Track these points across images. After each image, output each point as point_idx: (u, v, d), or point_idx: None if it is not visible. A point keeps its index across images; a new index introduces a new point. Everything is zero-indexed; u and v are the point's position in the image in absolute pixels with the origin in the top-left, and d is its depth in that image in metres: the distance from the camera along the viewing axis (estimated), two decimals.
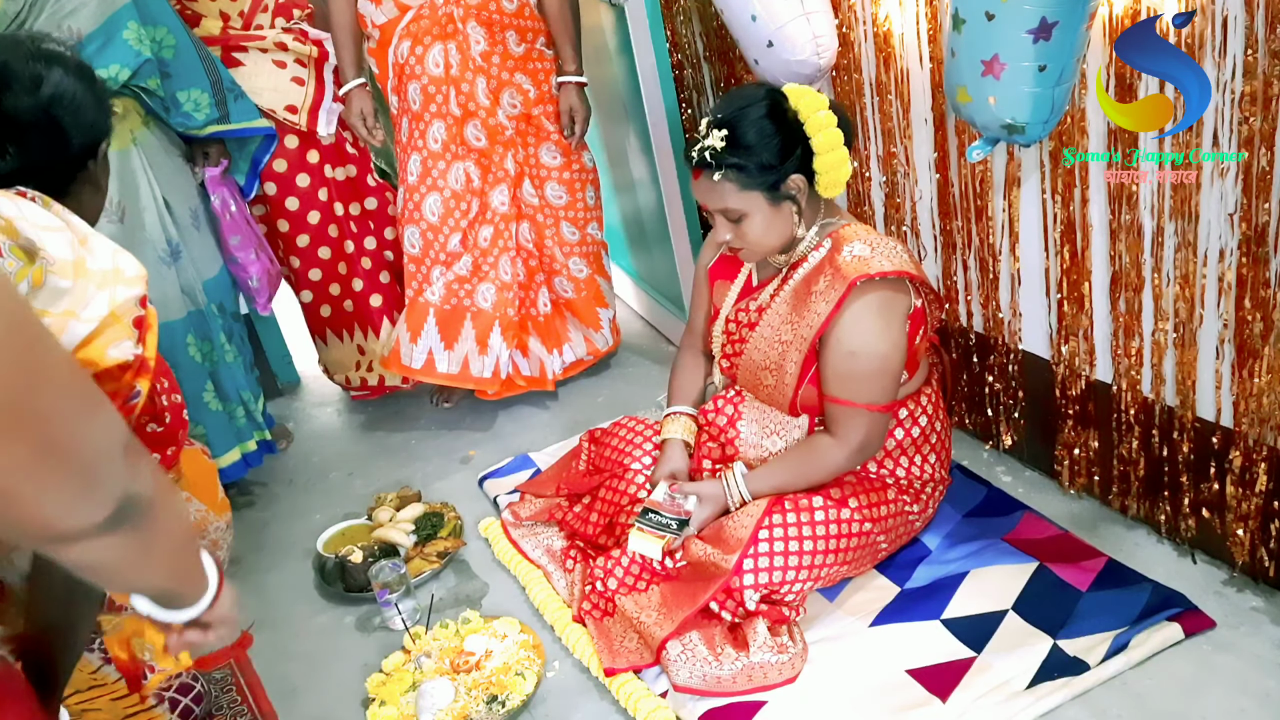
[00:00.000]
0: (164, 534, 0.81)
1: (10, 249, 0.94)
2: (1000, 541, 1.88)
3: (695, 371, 2.10)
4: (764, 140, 1.70)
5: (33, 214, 1.01)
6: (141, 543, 0.77)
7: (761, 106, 1.72)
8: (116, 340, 1.01)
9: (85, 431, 0.69)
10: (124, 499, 0.71)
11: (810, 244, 1.81)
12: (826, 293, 1.74)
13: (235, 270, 2.55)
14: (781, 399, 1.86)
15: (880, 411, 1.75)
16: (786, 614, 1.74)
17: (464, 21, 2.45)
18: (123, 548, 0.75)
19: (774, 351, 1.84)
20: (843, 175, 1.74)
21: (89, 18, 2.14)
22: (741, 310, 1.93)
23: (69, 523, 0.69)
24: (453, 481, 2.49)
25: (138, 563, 0.80)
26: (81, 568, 0.76)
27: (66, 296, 0.96)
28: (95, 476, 0.70)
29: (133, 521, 0.73)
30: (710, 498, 1.86)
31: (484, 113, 2.52)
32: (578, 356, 2.82)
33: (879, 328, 1.72)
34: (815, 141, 1.71)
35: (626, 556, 1.84)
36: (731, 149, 1.69)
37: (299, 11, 2.57)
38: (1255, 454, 1.60)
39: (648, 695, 1.66)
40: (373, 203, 2.80)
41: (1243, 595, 1.69)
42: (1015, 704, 1.53)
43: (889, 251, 1.73)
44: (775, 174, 1.71)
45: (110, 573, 0.79)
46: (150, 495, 0.76)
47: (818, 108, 1.71)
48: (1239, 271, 1.53)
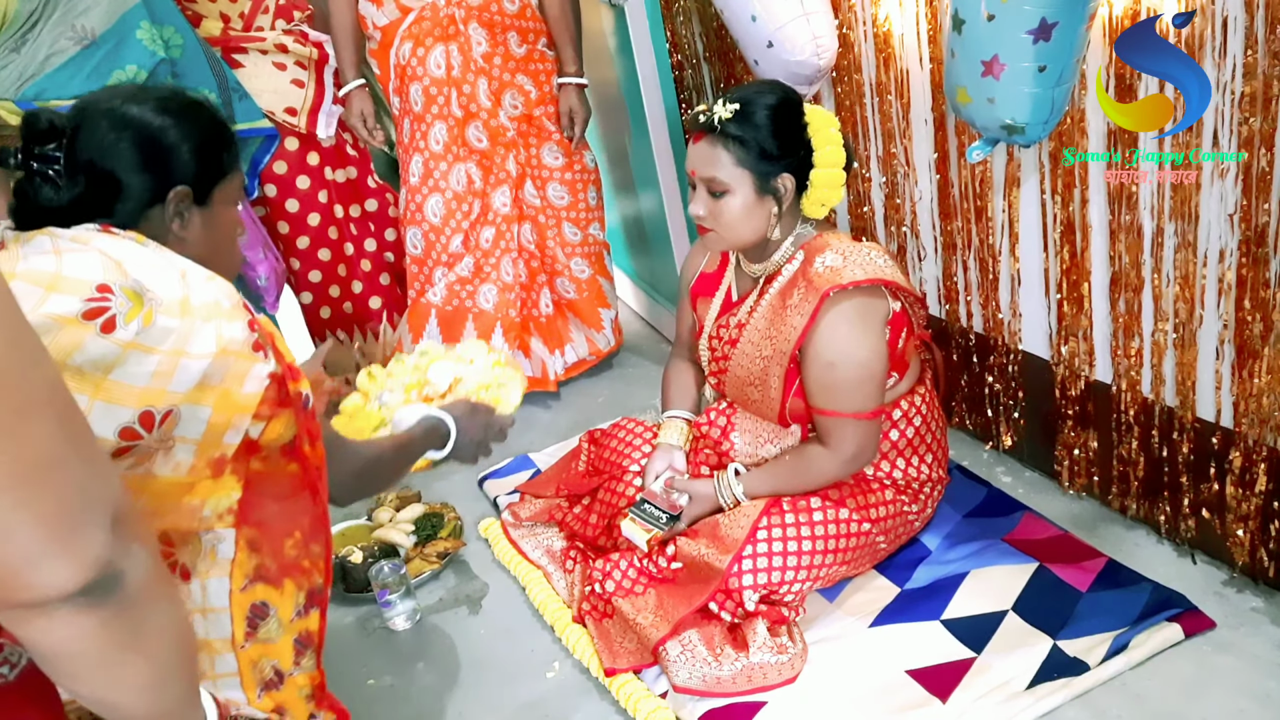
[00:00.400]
0: (153, 635, 0.72)
1: (121, 289, 0.93)
2: (1000, 542, 1.88)
3: (687, 376, 2.11)
4: (771, 128, 1.71)
5: (135, 253, 1.00)
6: (121, 636, 0.68)
7: (777, 98, 1.74)
8: (243, 375, 0.99)
9: (67, 474, 0.62)
10: (105, 571, 0.64)
11: (785, 256, 1.82)
12: (801, 306, 1.74)
13: (244, 270, 2.55)
14: (770, 412, 1.87)
15: (868, 419, 1.75)
16: (786, 614, 1.74)
17: (465, 23, 2.46)
18: (97, 636, 0.66)
19: (756, 367, 1.84)
20: (834, 197, 1.75)
21: (101, 17, 2.14)
22: (722, 327, 1.94)
23: (34, 578, 0.62)
24: (452, 482, 2.49)
25: (113, 661, 0.70)
26: (46, 655, 0.68)
27: (174, 335, 0.95)
28: (71, 530, 0.63)
29: (114, 604, 0.66)
30: (702, 496, 1.86)
31: (485, 114, 2.52)
32: (579, 357, 2.82)
33: (856, 336, 1.72)
34: (819, 154, 1.72)
35: (625, 560, 1.84)
36: (739, 123, 1.70)
37: (299, 13, 2.57)
38: (1255, 454, 1.60)
39: (648, 696, 1.66)
40: (373, 204, 2.80)
41: (1243, 596, 1.68)
42: (1015, 704, 1.53)
43: (862, 260, 1.73)
44: (771, 164, 1.72)
45: (78, 666, 0.69)
46: (140, 581, 0.68)
47: (829, 125, 1.74)
48: (1239, 272, 1.53)
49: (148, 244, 1.05)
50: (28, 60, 2.11)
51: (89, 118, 1.16)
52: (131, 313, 0.93)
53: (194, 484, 0.97)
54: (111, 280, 0.94)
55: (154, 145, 1.17)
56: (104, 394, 0.89)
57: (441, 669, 1.88)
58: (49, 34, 2.11)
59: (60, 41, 2.12)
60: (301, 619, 1.10)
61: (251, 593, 1.04)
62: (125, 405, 0.90)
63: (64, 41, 2.13)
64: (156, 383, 0.92)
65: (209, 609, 1.02)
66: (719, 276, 1.99)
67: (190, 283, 1.00)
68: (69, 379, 0.86)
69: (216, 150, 1.24)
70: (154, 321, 0.93)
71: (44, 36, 2.11)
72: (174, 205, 1.19)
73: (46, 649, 0.67)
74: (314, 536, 1.08)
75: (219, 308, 1.00)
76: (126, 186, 1.15)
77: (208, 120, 1.24)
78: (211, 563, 1.01)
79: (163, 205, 1.18)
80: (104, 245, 0.99)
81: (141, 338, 0.92)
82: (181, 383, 0.94)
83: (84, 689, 0.72)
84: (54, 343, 0.87)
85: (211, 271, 1.06)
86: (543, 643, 1.88)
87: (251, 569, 1.03)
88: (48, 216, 1.10)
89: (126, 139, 1.16)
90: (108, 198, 1.15)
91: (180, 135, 1.20)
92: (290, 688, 1.13)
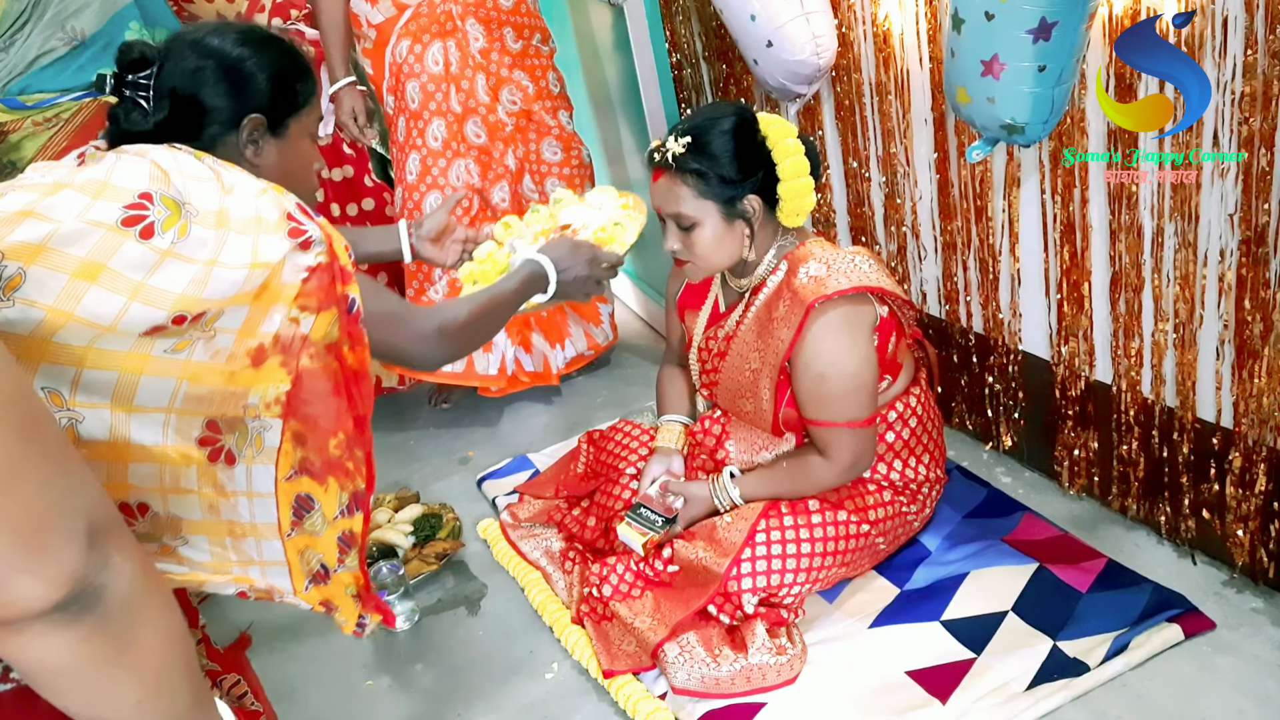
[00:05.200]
0: (143, 649, 0.70)
1: (160, 198, 0.96)
2: (1000, 542, 1.88)
3: (680, 381, 2.10)
4: (727, 153, 1.69)
5: (187, 165, 1.03)
6: (105, 652, 0.66)
7: (730, 121, 1.71)
8: (279, 272, 0.99)
9: (31, 486, 0.60)
10: (80, 586, 0.63)
11: (768, 267, 1.81)
12: (787, 318, 1.73)
13: None
14: (763, 422, 1.86)
15: (863, 427, 1.75)
16: (785, 616, 1.73)
17: (462, 19, 2.46)
18: (77, 653, 0.64)
19: (746, 379, 1.84)
20: (805, 205, 1.74)
21: (92, 18, 2.15)
22: (711, 339, 1.94)
23: (4, 593, 0.60)
24: (451, 482, 2.49)
25: (100, 677, 0.68)
26: (27, 672, 0.66)
27: (209, 245, 0.96)
28: (40, 543, 0.61)
29: (95, 619, 0.64)
30: (697, 499, 1.86)
31: (484, 109, 2.52)
32: (579, 351, 2.82)
33: (844, 346, 1.71)
34: (780, 168, 1.71)
35: (621, 563, 1.84)
36: (694, 155, 1.69)
37: (296, 11, 2.57)
38: (1255, 455, 1.60)
39: (647, 697, 1.66)
40: (369, 203, 2.80)
41: (1243, 596, 1.68)
42: (1015, 705, 1.53)
43: (846, 267, 1.72)
44: (734, 189, 1.70)
45: (62, 684, 0.67)
46: (123, 594, 0.66)
47: (786, 135, 1.71)
48: (1239, 272, 1.52)
49: (205, 158, 1.07)
50: (16, 60, 2.12)
51: (175, 48, 1.24)
52: (169, 220, 0.95)
53: (234, 372, 0.98)
54: (154, 189, 0.96)
55: (233, 73, 1.24)
56: (142, 296, 0.91)
57: (440, 670, 1.88)
58: (39, 35, 2.12)
59: (50, 42, 2.13)
60: (345, 518, 1.10)
61: (297, 483, 1.04)
62: (160, 308, 0.91)
63: (54, 42, 2.14)
64: (192, 289, 0.93)
65: (255, 493, 1.03)
66: (705, 288, 1.98)
67: (236, 195, 1.02)
68: (105, 280, 0.89)
69: (291, 81, 1.30)
70: (189, 233, 0.95)
71: (34, 37, 2.11)
72: (248, 131, 1.25)
73: (25, 666, 0.66)
74: (357, 441, 1.08)
75: (261, 222, 1.01)
76: (208, 112, 1.22)
77: (284, 53, 1.31)
78: (258, 449, 1.01)
79: (237, 131, 1.24)
80: (158, 156, 1.02)
81: (178, 247, 0.94)
82: (216, 291, 0.95)
83: (73, 706, 0.71)
84: (94, 246, 0.90)
85: (276, 187, 1.07)
86: (542, 644, 1.88)
87: (296, 460, 1.04)
88: (135, 139, 1.14)
89: (209, 67, 1.23)
90: (190, 123, 1.21)
91: (258, 64, 1.26)
92: (336, 584, 1.15)
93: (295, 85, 1.30)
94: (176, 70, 1.23)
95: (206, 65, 1.24)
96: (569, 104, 2.72)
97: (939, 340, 2.18)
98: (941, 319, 2.18)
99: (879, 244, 2.26)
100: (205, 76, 1.23)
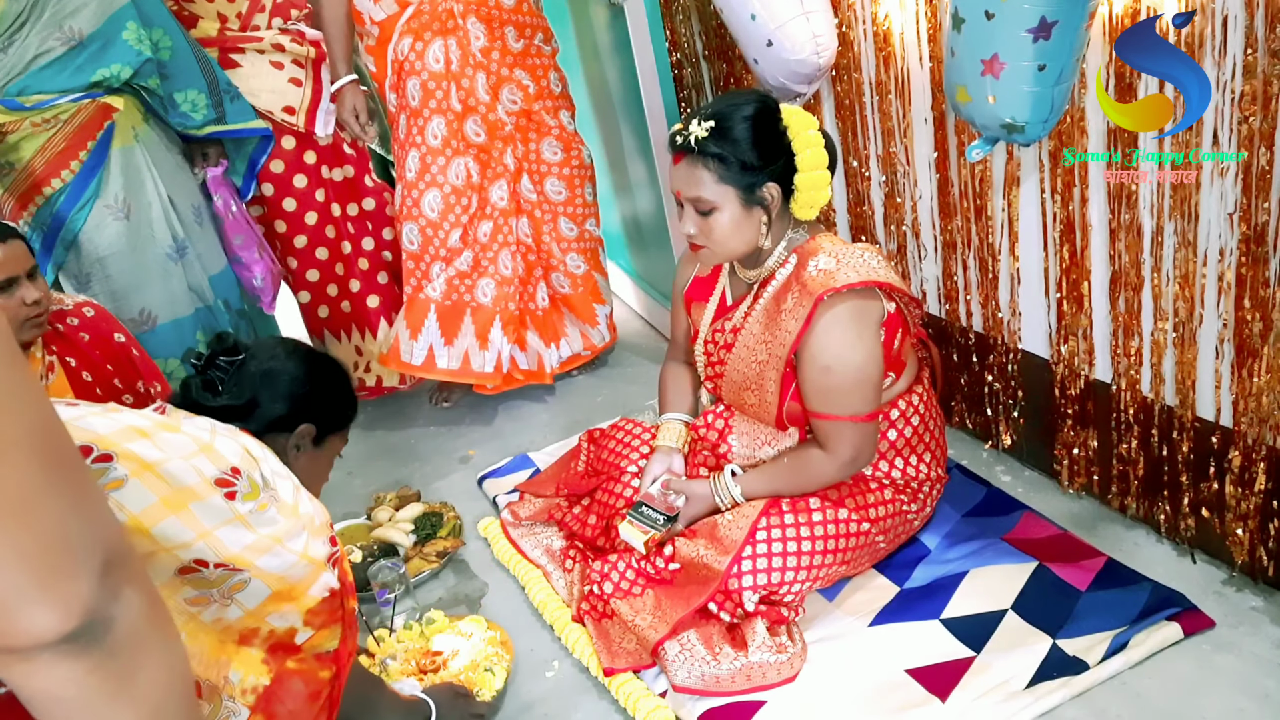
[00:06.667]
0: (147, 683, 0.69)
1: (247, 476, 1.15)
2: (1000, 541, 1.88)
3: (683, 379, 2.10)
4: (749, 140, 1.70)
5: (271, 459, 1.23)
6: (109, 684, 0.66)
7: (753, 108, 1.72)
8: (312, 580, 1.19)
9: (49, 517, 0.60)
10: (91, 618, 0.63)
11: (778, 260, 1.81)
12: (795, 310, 1.74)
13: (239, 270, 2.56)
14: (767, 415, 1.87)
15: (865, 421, 1.75)
16: (785, 614, 1.74)
17: (464, 17, 2.46)
18: (82, 684, 0.64)
19: (752, 371, 1.84)
20: (821, 198, 1.74)
21: (89, 18, 2.15)
22: (718, 331, 1.94)
23: (13, 623, 0.60)
24: (452, 481, 2.49)
25: (102, 710, 0.67)
26: (30, 701, 0.66)
27: (278, 526, 1.15)
28: (54, 574, 0.61)
29: (102, 651, 0.64)
30: (698, 497, 1.86)
31: (484, 108, 2.52)
32: (574, 351, 2.82)
33: (851, 340, 1.71)
34: (800, 159, 1.71)
35: (622, 561, 1.84)
36: (717, 140, 1.69)
37: (296, 11, 2.57)
38: (1254, 453, 1.60)
39: (647, 695, 1.66)
40: (370, 203, 2.80)
41: (1242, 595, 1.69)
42: (1015, 704, 1.53)
43: (855, 262, 1.72)
44: (754, 175, 1.71)
45: (64, 713, 0.67)
46: (131, 628, 0.66)
47: (808, 126, 1.72)
48: (1239, 271, 1.53)
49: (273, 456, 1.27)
50: (14, 60, 2.13)
51: (260, 351, 1.47)
52: (249, 495, 1.14)
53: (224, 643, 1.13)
54: (244, 467, 1.16)
55: (301, 388, 1.46)
56: (208, 540, 1.08)
57: None
58: (37, 35, 2.12)
59: (48, 42, 2.13)
60: None
61: None
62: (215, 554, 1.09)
63: (52, 42, 2.14)
64: (248, 554, 1.11)
65: None
66: (712, 281, 1.99)
67: (301, 495, 1.24)
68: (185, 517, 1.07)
69: (344, 409, 1.55)
70: (266, 511, 1.15)
71: (32, 38, 2.12)
72: (299, 437, 1.46)
73: (29, 695, 0.65)
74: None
75: (313, 522, 1.22)
76: (263, 410, 1.41)
77: (343, 383, 1.56)
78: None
79: (288, 434, 1.44)
80: (248, 443, 1.23)
81: (252, 518, 1.13)
82: (267, 563, 1.13)
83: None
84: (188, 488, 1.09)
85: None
86: (542, 642, 1.88)
87: None
88: (196, 411, 1.31)
89: (285, 378, 1.45)
90: (245, 413, 1.39)
91: (323, 389, 1.50)
92: None
93: (346, 413, 1.55)
94: (258, 369, 1.43)
95: (284, 375, 1.44)
96: (571, 104, 2.72)
97: (939, 339, 2.18)
98: (941, 318, 2.18)
99: (879, 243, 2.27)
100: (279, 385, 1.43)
